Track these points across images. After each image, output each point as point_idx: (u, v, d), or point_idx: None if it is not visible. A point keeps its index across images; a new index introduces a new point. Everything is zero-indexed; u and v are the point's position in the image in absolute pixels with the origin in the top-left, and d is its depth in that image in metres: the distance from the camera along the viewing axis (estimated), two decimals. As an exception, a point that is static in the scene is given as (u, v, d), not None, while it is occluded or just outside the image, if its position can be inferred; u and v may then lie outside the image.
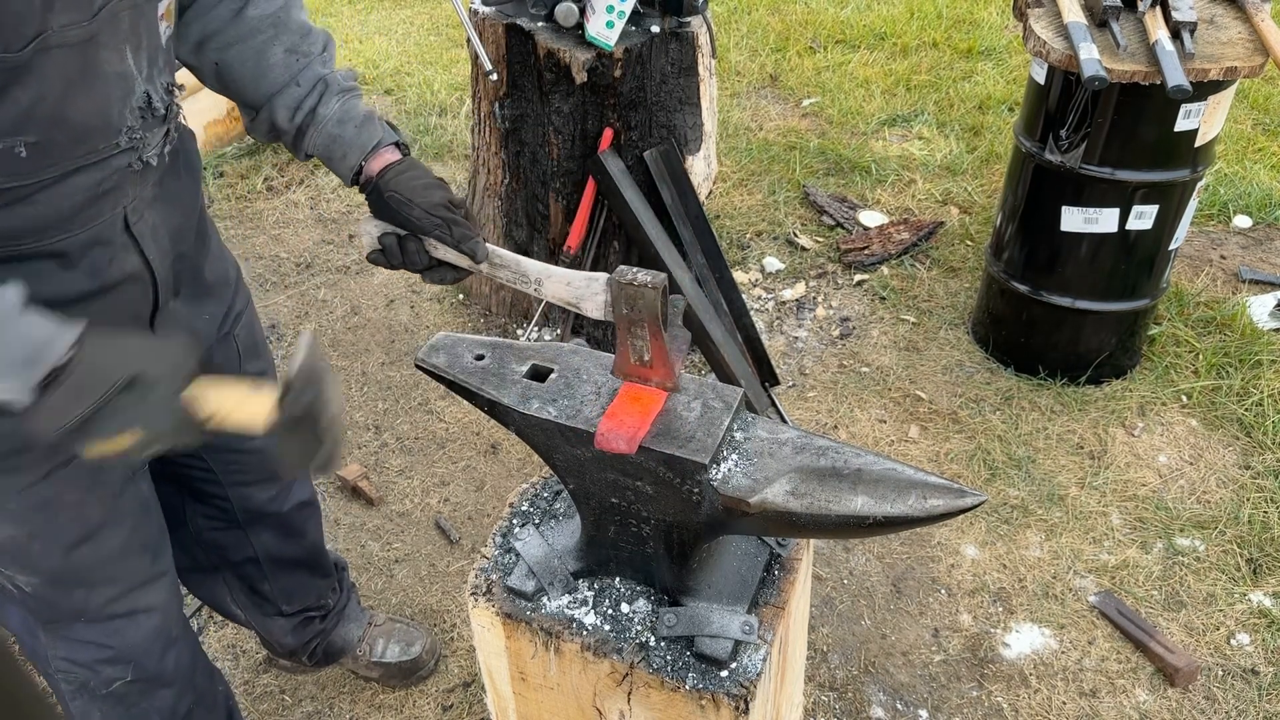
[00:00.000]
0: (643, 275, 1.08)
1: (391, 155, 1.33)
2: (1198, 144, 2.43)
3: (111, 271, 1.24)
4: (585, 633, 1.24)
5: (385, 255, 1.30)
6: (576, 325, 2.90)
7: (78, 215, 1.17)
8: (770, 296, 3.24)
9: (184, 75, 1.36)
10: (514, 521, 1.38)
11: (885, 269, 3.32)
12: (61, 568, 1.36)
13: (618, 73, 2.46)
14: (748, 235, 3.52)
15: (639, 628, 1.24)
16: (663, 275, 1.09)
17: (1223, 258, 3.34)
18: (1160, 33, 2.27)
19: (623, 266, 1.12)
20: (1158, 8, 2.34)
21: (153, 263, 1.29)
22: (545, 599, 1.28)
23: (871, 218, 3.55)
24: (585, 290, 1.25)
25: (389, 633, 2.09)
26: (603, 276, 1.22)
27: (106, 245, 1.22)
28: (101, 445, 1.06)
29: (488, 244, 1.28)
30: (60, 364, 1.00)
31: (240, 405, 1.13)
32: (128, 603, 1.45)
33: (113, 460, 1.08)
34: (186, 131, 1.39)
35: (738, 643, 1.19)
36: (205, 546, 1.73)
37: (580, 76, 2.46)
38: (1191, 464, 2.58)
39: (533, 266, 1.29)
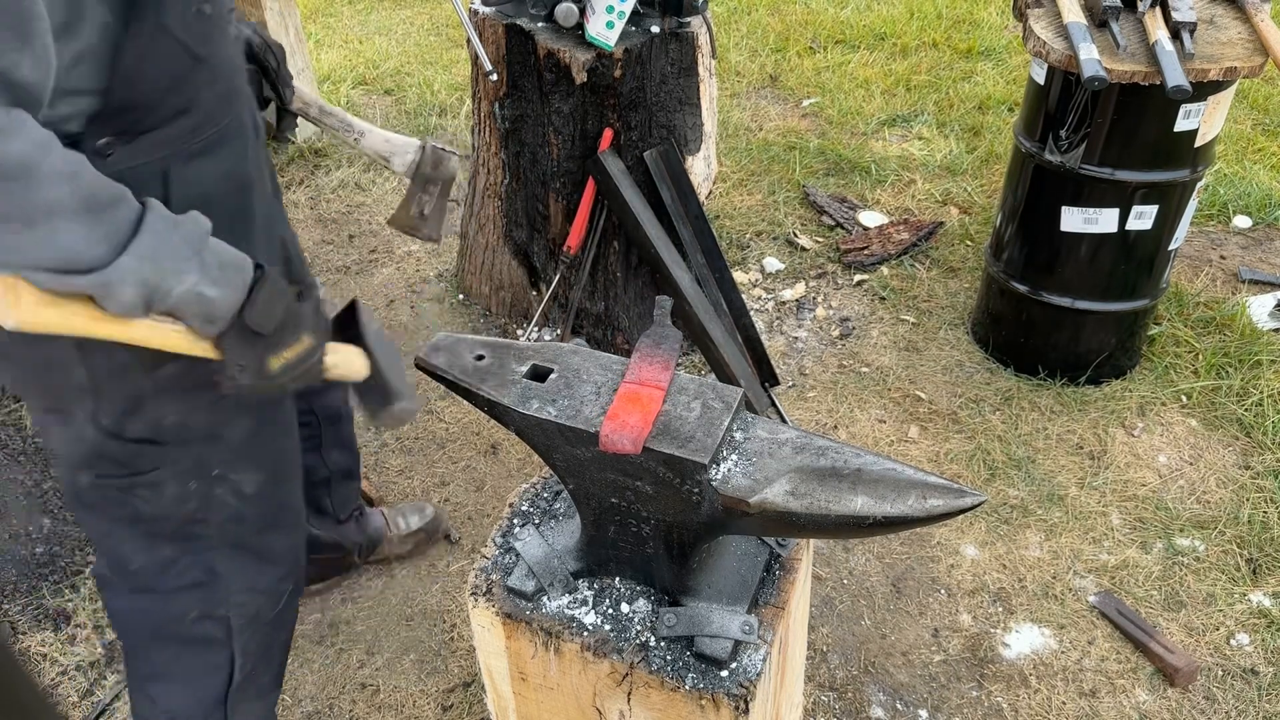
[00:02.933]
0: (450, 149, 1.55)
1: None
2: (1197, 144, 2.43)
3: (236, 169, 1.30)
4: (585, 633, 1.24)
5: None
6: (576, 325, 2.90)
7: (225, 103, 1.24)
8: (770, 296, 3.24)
9: None
10: (514, 521, 1.39)
11: (885, 269, 3.32)
12: (277, 462, 1.48)
13: (618, 73, 2.46)
14: (748, 235, 3.52)
15: (639, 628, 1.24)
16: (457, 153, 1.57)
17: (1222, 258, 3.34)
18: (1160, 33, 2.27)
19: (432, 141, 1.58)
20: (1157, 8, 2.34)
21: (258, 165, 1.39)
22: (545, 599, 1.28)
23: (871, 218, 3.55)
24: (399, 149, 1.56)
25: (400, 511, 2.34)
26: (418, 141, 1.55)
27: (235, 141, 1.28)
28: (287, 351, 1.20)
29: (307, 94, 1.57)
30: (258, 276, 1.15)
31: (345, 357, 1.33)
32: (300, 501, 1.58)
33: (292, 368, 1.21)
34: None
35: (738, 643, 1.19)
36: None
37: (580, 77, 2.46)
38: (1191, 464, 2.58)
39: (356, 121, 1.58)
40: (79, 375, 1.20)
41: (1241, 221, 3.51)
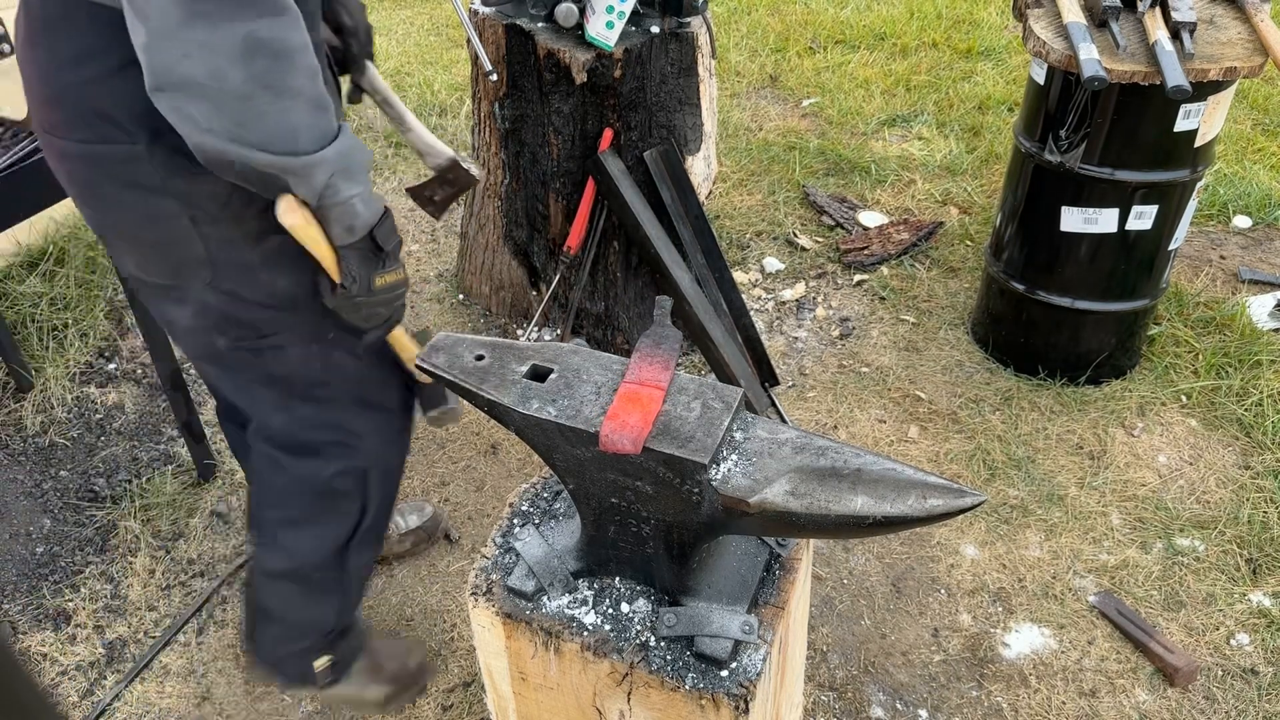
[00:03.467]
0: (475, 169, 1.80)
1: None
2: (1197, 144, 2.43)
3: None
4: (585, 633, 1.24)
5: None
6: (576, 326, 2.90)
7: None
8: (770, 296, 3.24)
9: None
10: (514, 521, 1.39)
11: (885, 269, 3.33)
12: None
13: (618, 73, 2.46)
14: (748, 235, 3.52)
15: (639, 628, 1.24)
16: (478, 172, 1.79)
17: (1222, 258, 3.34)
18: (1160, 33, 2.27)
19: (460, 155, 1.79)
20: (1157, 8, 2.34)
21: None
22: (545, 599, 1.28)
23: (871, 218, 3.55)
24: (435, 152, 1.80)
25: (400, 510, 2.36)
26: (451, 153, 1.79)
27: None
28: (390, 275, 1.40)
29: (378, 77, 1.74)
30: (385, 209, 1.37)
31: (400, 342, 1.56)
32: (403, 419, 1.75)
33: (389, 290, 1.41)
34: None
35: (738, 643, 1.19)
36: None
37: (580, 77, 2.46)
38: (1191, 464, 2.58)
39: (409, 115, 1.79)
40: (196, 249, 1.35)
41: (1241, 221, 3.51)
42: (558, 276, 2.80)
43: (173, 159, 1.25)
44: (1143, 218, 2.52)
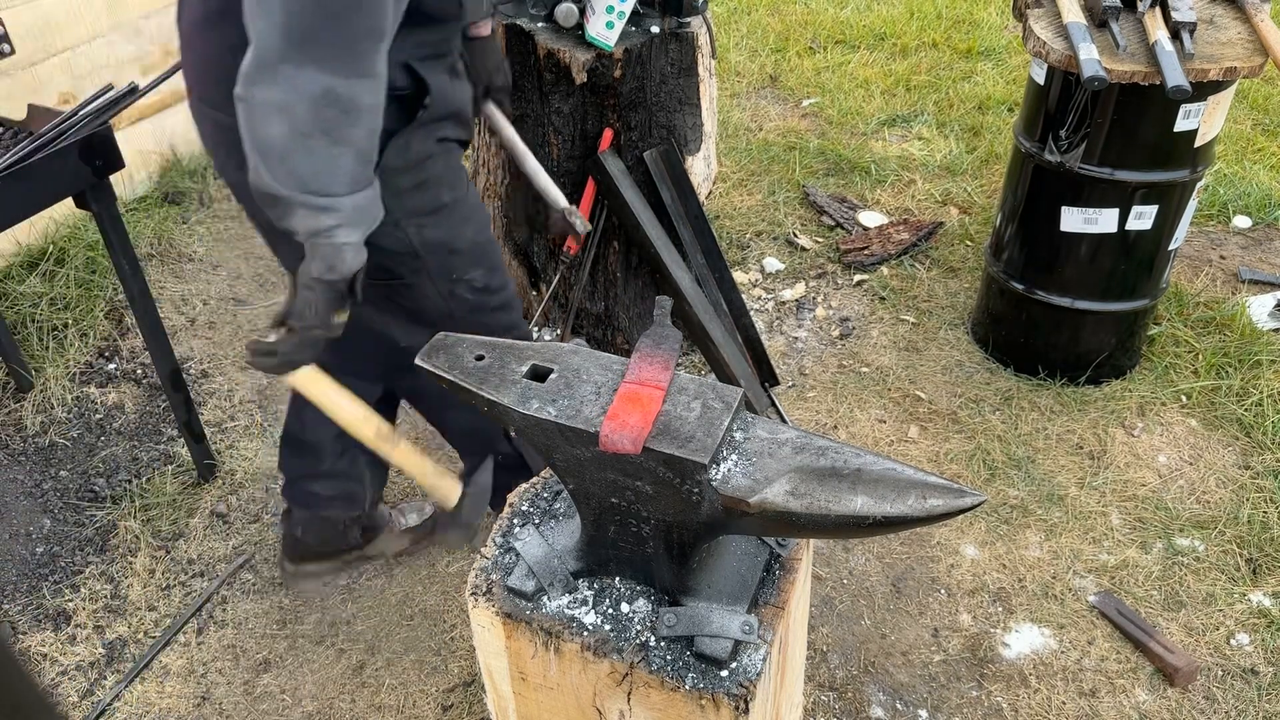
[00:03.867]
0: (580, 223, 2.14)
1: (486, 28, 1.87)
2: (1197, 144, 2.43)
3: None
4: (585, 633, 1.24)
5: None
6: (576, 326, 2.90)
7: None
8: (770, 296, 3.24)
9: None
10: (514, 521, 1.39)
11: (885, 269, 3.32)
12: (492, 255, 1.78)
13: (617, 73, 2.46)
14: (748, 235, 3.52)
15: (639, 628, 1.24)
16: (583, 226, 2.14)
17: (1222, 258, 3.34)
18: (1160, 33, 2.27)
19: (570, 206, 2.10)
20: (1157, 8, 2.34)
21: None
22: (545, 599, 1.28)
23: (871, 218, 3.55)
24: (549, 196, 2.08)
25: (400, 509, 2.47)
26: (565, 202, 2.12)
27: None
28: (344, 314, 1.51)
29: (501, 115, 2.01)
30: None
31: (446, 484, 1.70)
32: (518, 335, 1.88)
33: (337, 329, 1.53)
34: None
35: (737, 643, 1.19)
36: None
37: (580, 77, 2.45)
38: (1191, 464, 2.58)
39: (530, 158, 2.08)
40: None
41: (1241, 221, 3.51)
42: (558, 276, 2.80)
43: None
44: (1143, 218, 2.52)
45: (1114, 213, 2.52)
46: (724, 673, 1.18)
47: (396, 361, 1.83)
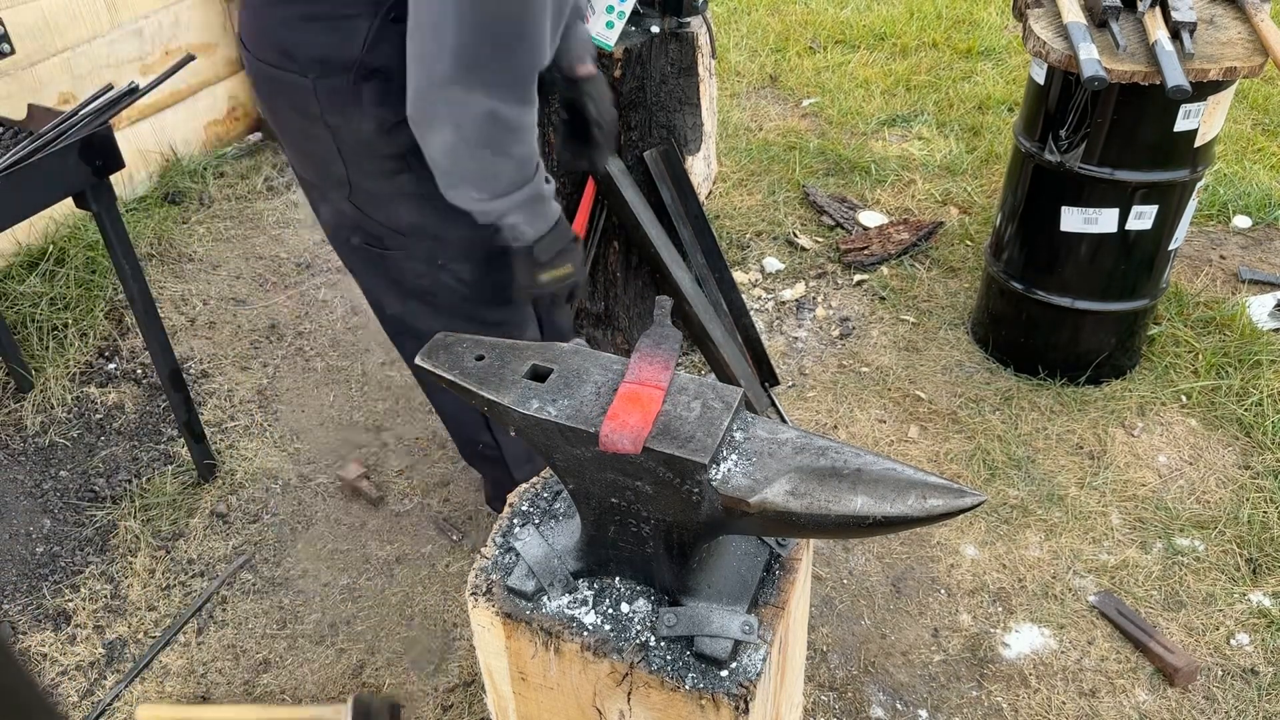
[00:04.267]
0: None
1: (590, 69, 1.86)
2: (1197, 144, 2.43)
3: None
4: (585, 633, 1.24)
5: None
6: (576, 326, 2.90)
7: None
8: (770, 296, 3.24)
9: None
10: (514, 521, 1.39)
11: (885, 269, 3.33)
12: (490, 256, 1.75)
13: (617, 73, 2.46)
14: (748, 235, 3.52)
15: (639, 628, 1.24)
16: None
17: (1222, 258, 3.34)
18: (1160, 33, 2.27)
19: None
20: (1157, 8, 2.34)
21: None
22: (545, 599, 1.28)
23: (871, 218, 3.55)
24: None
25: None
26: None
27: None
28: (556, 270, 1.70)
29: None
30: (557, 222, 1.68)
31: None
32: (516, 333, 1.89)
33: (556, 281, 1.71)
34: None
35: (738, 643, 1.19)
36: None
37: (580, 77, 2.45)
38: (1191, 464, 2.58)
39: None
40: (338, 170, 1.60)
41: (1241, 221, 3.51)
42: (558, 276, 2.80)
43: (331, 98, 1.49)
44: (1143, 218, 2.52)
45: (1114, 213, 2.52)
46: (724, 673, 1.18)
47: (389, 329, 1.94)
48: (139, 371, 2.95)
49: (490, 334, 1.87)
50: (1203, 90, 2.29)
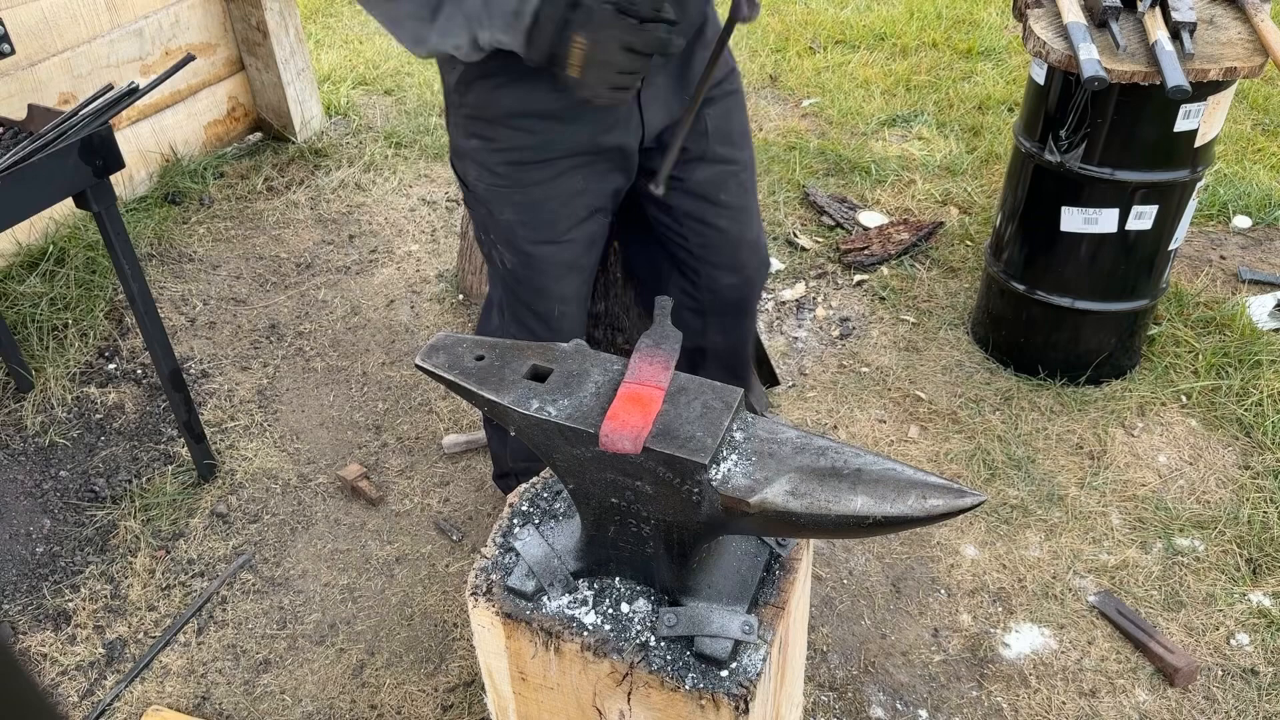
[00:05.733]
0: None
1: None
2: (1197, 144, 2.43)
3: None
4: (585, 633, 1.24)
5: None
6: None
7: None
8: (770, 296, 3.24)
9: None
10: (514, 521, 1.39)
11: (885, 269, 3.33)
12: (529, 255, 1.79)
13: (618, 73, 2.45)
14: (747, 235, 3.52)
15: (639, 628, 1.24)
16: None
17: (1222, 258, 3.34)
18: (1160, 33, 2.27)
19: None
20: (1157, 8, 2.34)
21: None
22: (545, 599, 1.28)
23: (871, 218, 3.55)
24: None
25: None
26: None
27: None
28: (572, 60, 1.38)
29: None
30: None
31: None
32: (559, 308, 1.88)
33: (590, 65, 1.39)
34: None
35: (738, 643, 1.19)
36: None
37: (580, 77, 2.45)
38: (1191, 464, 2.58)
39: None
40: (445, 108, 1.75)
41: (1241, 221, 3.51)
42: (558, 276, 2.80)
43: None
44: (1143, 218, 2.52)
45: (1114, 213, 2.52)
46: (724, 673, 1.18)
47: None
48: (139, 371, 2.95)
49: (524, 326, 1.91)
50: (1203, 90, 2.29)
